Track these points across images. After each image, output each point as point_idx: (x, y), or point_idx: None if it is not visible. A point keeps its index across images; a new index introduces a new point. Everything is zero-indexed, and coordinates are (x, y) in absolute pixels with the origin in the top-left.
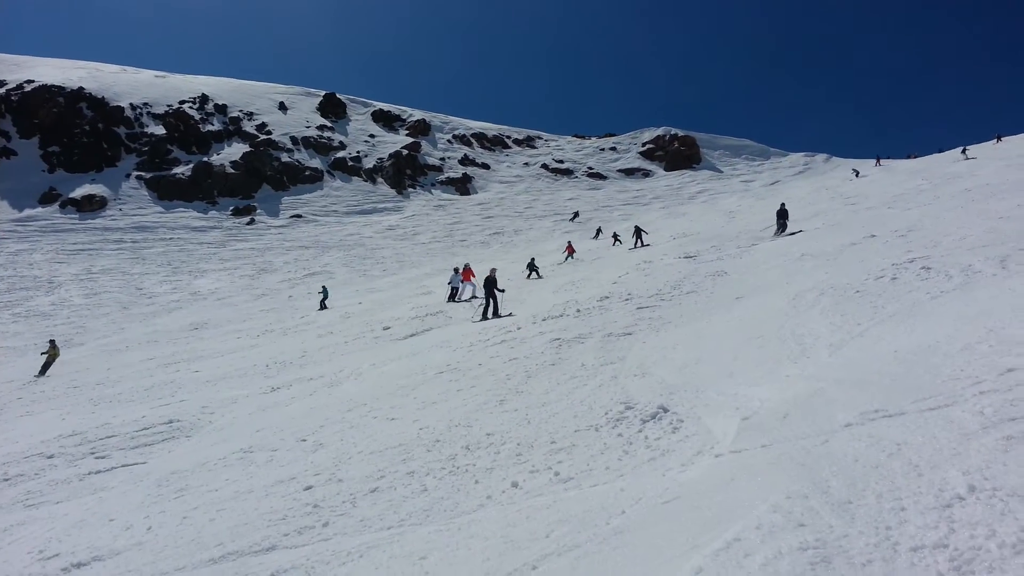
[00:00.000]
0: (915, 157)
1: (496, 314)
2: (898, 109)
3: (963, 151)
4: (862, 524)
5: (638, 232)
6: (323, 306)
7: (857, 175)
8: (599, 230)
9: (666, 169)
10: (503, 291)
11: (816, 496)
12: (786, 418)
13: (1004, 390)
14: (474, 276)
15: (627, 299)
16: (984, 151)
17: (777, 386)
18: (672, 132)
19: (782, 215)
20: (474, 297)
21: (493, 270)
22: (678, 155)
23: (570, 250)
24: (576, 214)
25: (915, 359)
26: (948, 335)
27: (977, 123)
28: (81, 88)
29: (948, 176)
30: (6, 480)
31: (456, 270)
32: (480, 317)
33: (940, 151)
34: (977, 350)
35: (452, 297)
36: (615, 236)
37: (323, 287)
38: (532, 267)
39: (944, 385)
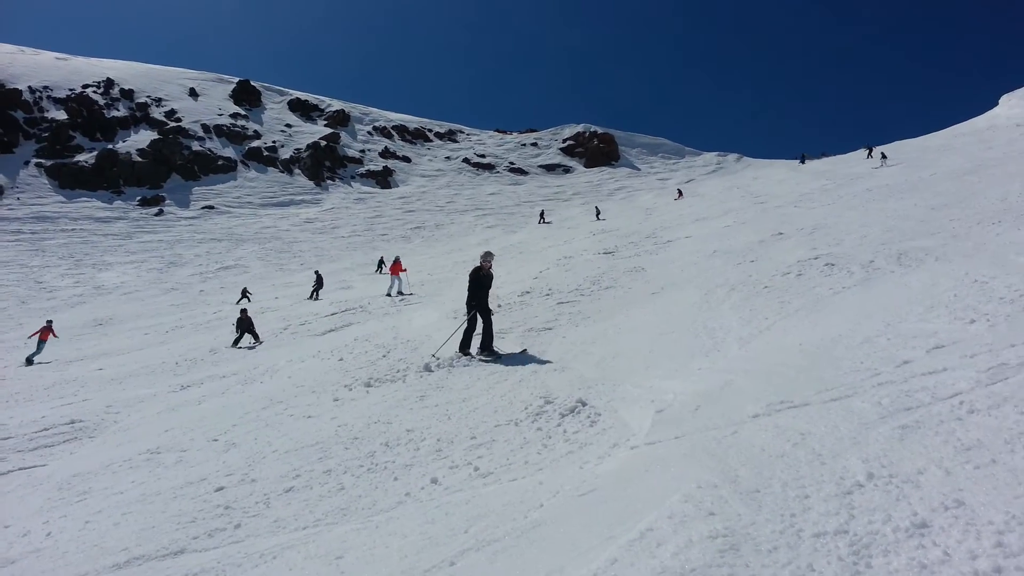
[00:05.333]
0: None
1: (488, 348)
2: (804, 110)
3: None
4: (768, 512)
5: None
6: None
7: (598, 215)
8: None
9: (586, 166)
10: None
11: (725, 485)
12: (698, 410)
13: (900, 381)
14: (404, 270)
15: (548, 294)
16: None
17: (690, 379)
18: (592, 129)
19: None
20: (400, 294)
21: (487, 259)
22: (597, 152)
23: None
24: (542, 214)
25: (818, 352)
26: (849, 329)
27: (884, 125)
28: None
29: (850, 177)
30: None
31: (317, 273)
32: (460, 349)
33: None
34: (876, 343)
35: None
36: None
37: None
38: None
39: (845, 377)
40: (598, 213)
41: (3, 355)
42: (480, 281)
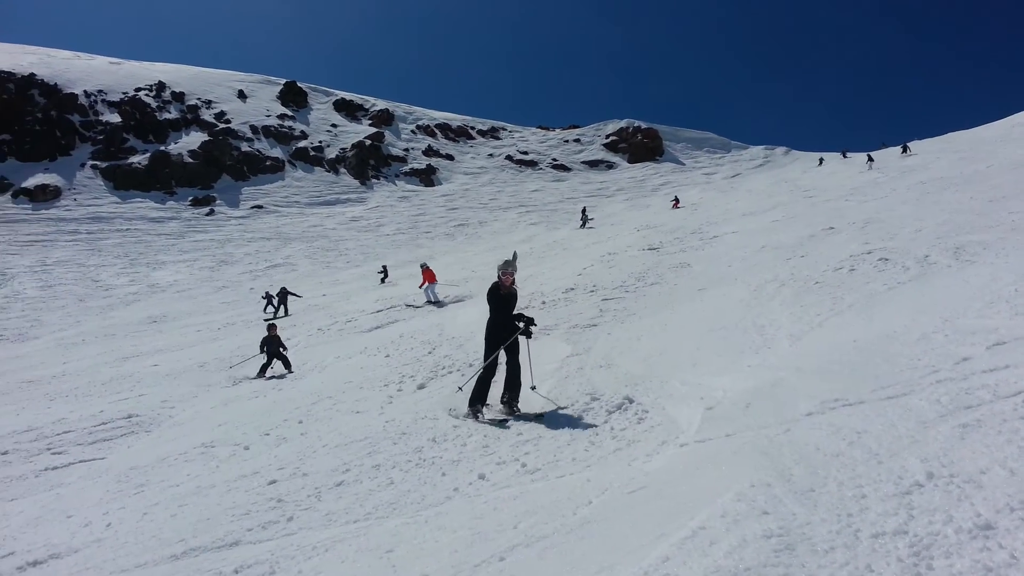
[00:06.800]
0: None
1: (510, 401)
2: (857, 104)
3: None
4: (824, 511)
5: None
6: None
7: (584, 221)
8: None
9: (629, 161)
10: (530, 331)
11: (779, 484)
12: (749, 407)
13: (960, 379)
14: (436, 279)
15: (592, 291)
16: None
17: (740, 376)
18: (635, 124)
19: None
20: (439, 303)
21: (507, 270)
22: (641, 147)
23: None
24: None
25: (873, 349)
26: (905, 325)
27: (930, 118)
28: (32, 74)
29: (903, 169)
30: None
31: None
32: (470, 404)
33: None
34: (933, 340)
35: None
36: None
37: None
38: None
39: (902, 374)
40: (584, 219)
41: (63, 351)
42: (499, 303)
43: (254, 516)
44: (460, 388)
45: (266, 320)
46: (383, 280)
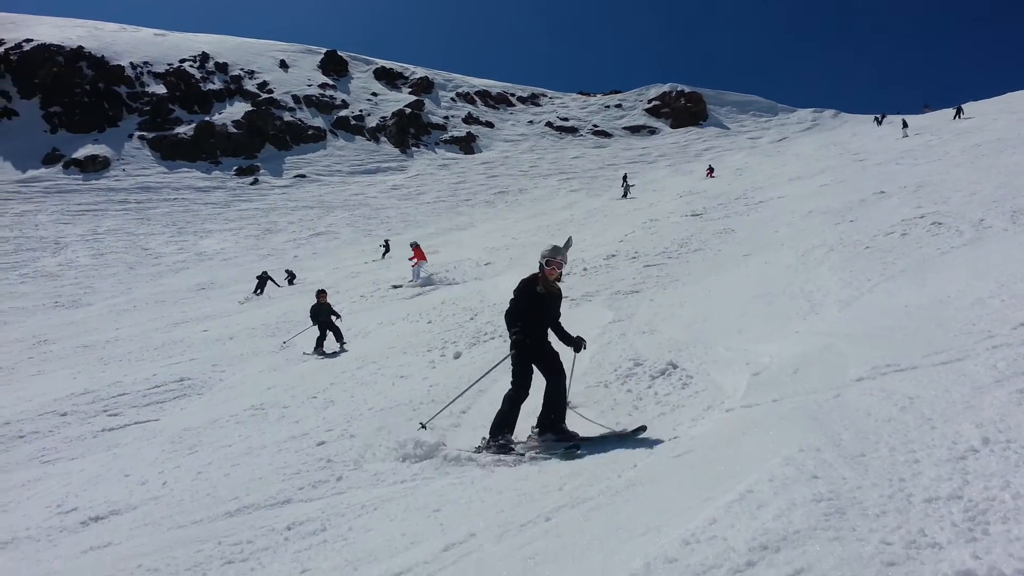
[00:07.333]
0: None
1: (556, 426)
2: (907, 65)
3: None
4: (875, 476)
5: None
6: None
7: (626, 189)
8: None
9: (672, 126)
10: (584, 345)
11: (828, 449)
12: (796, 373)
13: (1017, 344)
14: (425, 258)
15: (634, 257)
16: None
17: (787, 342)
18: (678, 88)
19: None
20: (425, 281)
21: (554, 257)
22: (684, 112)
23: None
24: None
25: (926, 314)
26: (959, 290)
27: (984, 79)
28: (80, 47)
29: (958, 131)
30: (21, 437)
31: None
32: (492, 433)
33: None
34: (989, 305)
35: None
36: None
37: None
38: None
39: (956, 339)
40: (626, 187)
41: (116, 317)
42: (535, 304)
43: (304, 475)
44: (423, 425)
45: (240, 303)
46: (384, 255)
